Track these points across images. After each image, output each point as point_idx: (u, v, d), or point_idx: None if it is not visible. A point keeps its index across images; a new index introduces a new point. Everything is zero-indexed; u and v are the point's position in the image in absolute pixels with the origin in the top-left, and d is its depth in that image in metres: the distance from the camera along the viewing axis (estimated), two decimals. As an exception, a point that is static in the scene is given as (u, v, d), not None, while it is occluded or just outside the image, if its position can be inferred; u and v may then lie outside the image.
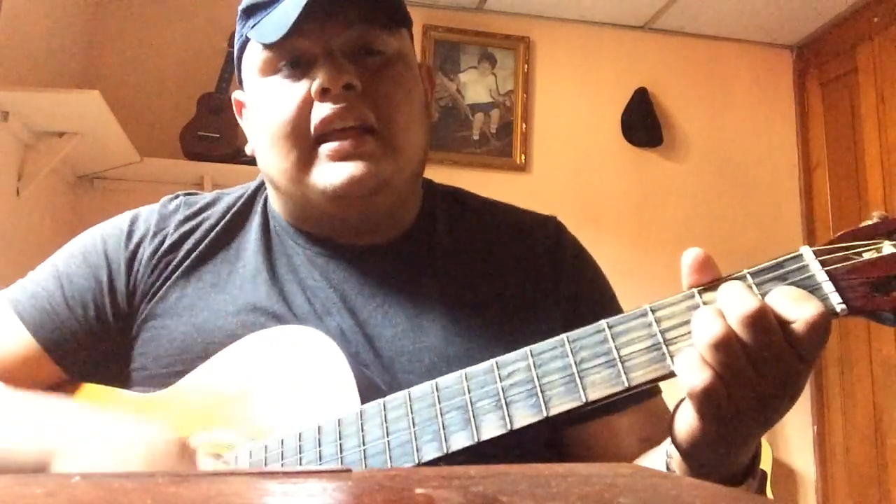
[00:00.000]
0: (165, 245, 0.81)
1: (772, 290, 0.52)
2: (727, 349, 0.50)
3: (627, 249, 2.84)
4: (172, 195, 0.87)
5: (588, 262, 0.86)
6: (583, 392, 0.54)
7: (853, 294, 0.50)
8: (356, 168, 0.72)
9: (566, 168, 2.91)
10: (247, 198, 0.86)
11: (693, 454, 0.57)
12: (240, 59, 0.81)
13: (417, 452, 0.59)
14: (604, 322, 0.56)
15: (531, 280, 0.81)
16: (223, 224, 0.83)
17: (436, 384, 0.60)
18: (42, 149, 2.11)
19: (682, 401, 0.57)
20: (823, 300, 0.51)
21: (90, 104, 1.96)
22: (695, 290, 0.54)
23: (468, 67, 2.92)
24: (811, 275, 0.52)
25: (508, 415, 0.56)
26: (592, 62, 3.00)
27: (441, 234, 0.83)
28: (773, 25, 2.96)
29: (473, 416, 0.57)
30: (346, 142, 0.72)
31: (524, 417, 0.56)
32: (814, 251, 0.53)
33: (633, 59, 3.02)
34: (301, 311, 0.76)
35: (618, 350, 0.54)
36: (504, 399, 0.57)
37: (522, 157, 2.87)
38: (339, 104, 0.72)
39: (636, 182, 2.93)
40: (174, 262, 0.81)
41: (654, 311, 0.54)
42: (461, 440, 0.57)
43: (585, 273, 0.84)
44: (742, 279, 0.53)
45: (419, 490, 0.35)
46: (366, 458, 0.61)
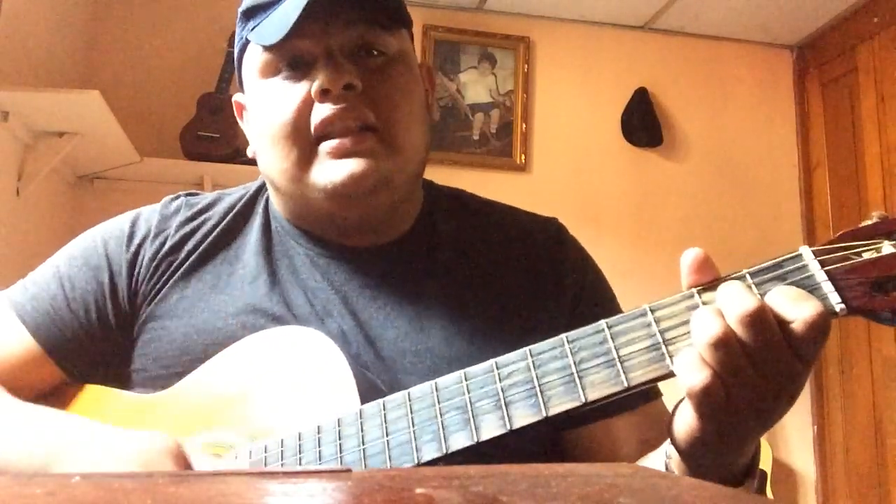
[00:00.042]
0: (167, 246, 0.81)
1: (771, 290, 0.52)
2: (726, 349, 0.50)
3: (627, 249, 2.84)
4: (173, 195, 0.87)
5: (589, 264, 0.86)
6: (582, 392, 0.54)
7: (852, 294, 0.51)
8: (356, 165, 0.71)
9: (566, 168, 2.91)
10: (248, 198, 0.86)
11: (692, 454, 0.56)
12: (240, 62, 0.81)
13: (417, 452, 0.59)
14: (603, 322, 0.56)
15: (532, 282, 0.81)
16: (224, 225, 0.83)
17: (435, 384, 0.60)
18: (42, 149, 2.11)
19: (681, 401, 0.57)
20: (823, 300, 0.51)
21: (90, 104, 1.96)
22: (694, 290, 0.54)
23: (468, 67, 2.92)
24: (810, 275, 0.52)
25: (508, 415, 0.56)
26: (592, 62, 3.00)
27: (442, 236, 0.83)
28: (773, 25, 2.96)
29: (473, 417, 0.57)
30: (346, 139, 0.71)
31: (523, 417, 0.56)
32: (813, 251, 0.53)
33: (633, 59, 3.02)
34: (302, 313, 0.76)
35: (617, 350, 0.54)
36: (503, 399, 0.57)
37: (522, 157, 2.87)
38: (340, 105, 0.71)
39: (636, 182, 2.93)
40: (175, 264, 0.81)
41: (654, 311, 0.54)
42: (461, 440, 0.57)
43: (587, 275, 0.84)
44: (741, 279, 0.53)
45: (419, 490, 0.35)
46: (365, 458, 0.61)
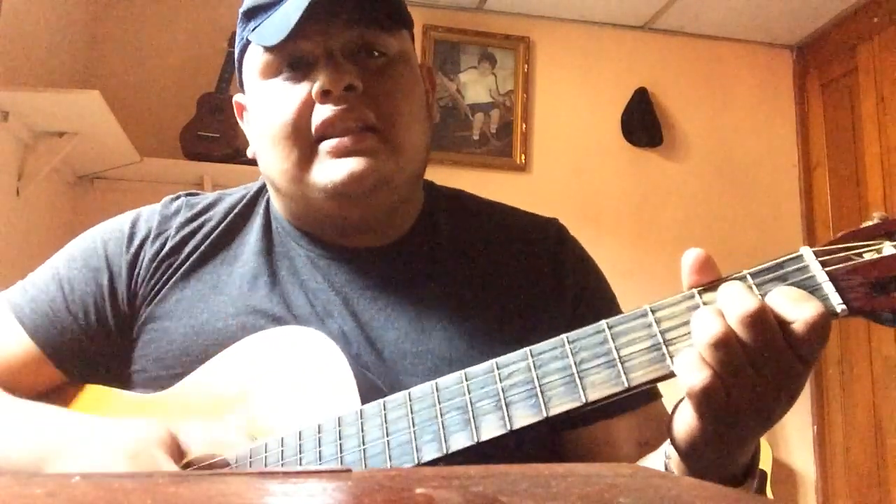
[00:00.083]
0: (167, 248, 0.81)
1: (772, 291, 0.52)
2: (727, 349, 0.50)
3: (627, 249, 2.84)
4: (174, 196, 0.87)
5: (590, 265, 0.86)
6: (583, 392, 0.54)
7: (853, 295, 0.50)
8: (357, 164, 0.71)
9: (566, 168, 2.91)
10: (248, 199, 0.86)
11: (692, 454, 0.56)
12: (240, 62, 0.80)
13: (417, 452, 0.58)
14: (604, 322, 0.56)
15: (533, 283, 0.81)
16: (224, 225, 0.83)
17: (436, 384, 0.60)
18: (42, 149, 2.11)
19: (681, 401, 0.57)
20: (823, 301, 0.51)
21: (90, 104, 1.96)
22: (695, 291, 0.54)
23: (468, 67, 2.92)
24: (811, 275, 0.52)
25: (508, 415, 0.56)
26: (592, 62, 3.00)
27: (443, 237, 0.83)
28: (773, 25, 2.96)
29: (473, 417, 0.57)
30: (347, 138, 0.71)
31: (524, 418, 0.56)
32: (814, 251, 0.53)
33: (633, 59, 3.02)
34: (302, 313, 0.76)
35: (618, 350, 0.54)
36: (504, 399, 0.57)
37: (522, 157, 2.87)
38: (341, 106, 0.71)
39: (636, 182, 2.93)
40: (175, 264, 0.80)
41: (654, 312, 0.54)
42: (461, 440, 0.57)
43: (587, 276, 0.84)
44: (742, 279, 0.53)
45: (419, 490, 0.35)
46: (366, 458, 0.61)
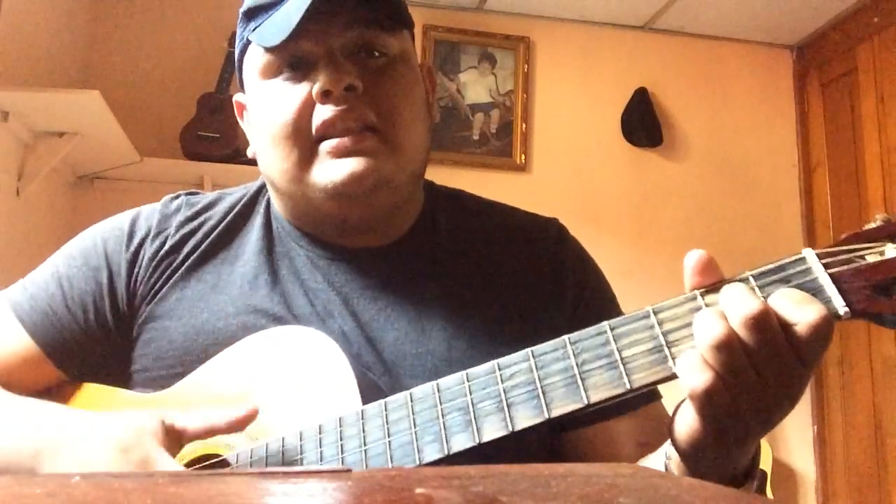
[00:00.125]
0: (167, 246, 0.81)
1: (774, 293, 0.52)
2: (729, 351, 0.50)
3: (627, 249, 2.84)
4: (174, 195, 0.86)
5: (590, 265, 0.86)
6: (584, 394, 0.54)
7: (856, 297, 0.50)
8: (357, 164, 0.71)
9: (566, 168, 2.91)
10: (249, 198, 0.86)
11: (692, 455, 0.56)
12: (241, 62, 0.80)
13: (419, 453, 0.58)
14: (606, 324, 0.56)
15: (533, 283, 0.81)
16: (225, 224, 0.83)
17: (437, 385, 0.60)
18: (42, 149, 2.11)
19: (683, 402, 0.56)
20: (826, 303, 0.51)
21: (90, 104, 1.95)
22: (697, 292, 0.54)
23: (468, 67, 2.92)
24: (814, 277, 0.52)
25: (510, 416, 0.56)
26: (592, 62, 3.00)
27: (442, 237, 0.83)
28: (773, 25, 2.96)
29: (475, 418, 0.57)
30: (347, 138, 0.71)
31: (525, 419, 0.56)
32: (817, 253, 0.52)
33: (633, 59, 3.02)
34: (302, 313, 0.76)
35: (619, 352, 0.54)
36: (505, 400, 0.56)
37: (522, 157, 2.87)
38: (341, 106, 0.71)
39: (636, 182, 2.93)
40: (175, 263, 0.80)
41: (657, 313, 0.54)
42: (462, 441, 0.57)
43: (588, 276, 0.84)
44: (745, 281, 0.53)
45: (419, 490, 0.35)
46: (367, 459, 0.61)
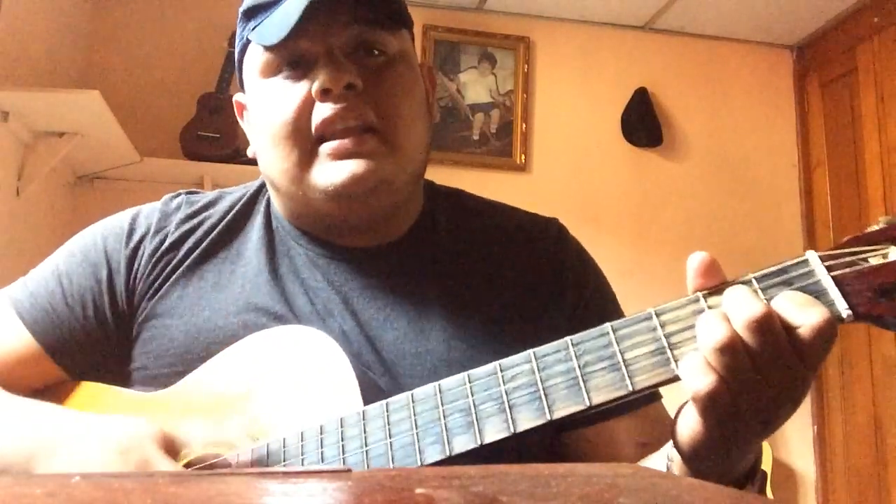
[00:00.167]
0: (166, 244, 0.81)
1: (777, 295, 0.52)
2: (732, 353, 0.50)
3: (627, 249, 2.84)
4: (174, 193, 0.87)
5: (590, 265, 0.86)
6: (586, 395, 0.54)
7: (859, 300, 0.50)
8: (357, 166, 0.71)
9: (566, 168, 2.91)
10: (249, 197, 0.86)
11: (694, 457, 0.56)
12: (241, 61, 0.80)
13: (420, 454, 0.58)
14: (608, 325, 0.55)
15: (533, 283, 0.80)
16: (225, 223, 0.83)
17: (439, 386, 0.60)
18: (42, 149, 2.11)
19: (685, 404, 0.56)
20: (829, 306, 0.51)
21: (90, 104, 1.95)
22: (700, 294, 0.54)
23: (468, 67, 2.92)
24: (817, 280, 0.52)
25: (511, 418, 0.56)
26: (592, 62, 3.00)
27: (442, 236, 0.83)
28: (773, 25, 2.96)
29: (476, 419, 0.57)
30: (347, 140, 0.71)
31: (527, 420, 0.55)
32: (819, 256, 0.52)
33: (633, 59, 3.02)
34: (303, 312, 0.76)
35: (622, 354, 0.54)
36: (507, 402, 0.56)
37: (522, 157, 2.87)
38: (341, 104, 0.71)
39: (636, 182, 2.93)
40: (175, 261, 0.80)
41: (659, 315, 0.54)
42: (464, 443, 0.57)
43: (588, 276, 0.84)
44: (748, 284, 0.53)
45: (419, 490, 0.35)
46: (368, 460, 0.60)
